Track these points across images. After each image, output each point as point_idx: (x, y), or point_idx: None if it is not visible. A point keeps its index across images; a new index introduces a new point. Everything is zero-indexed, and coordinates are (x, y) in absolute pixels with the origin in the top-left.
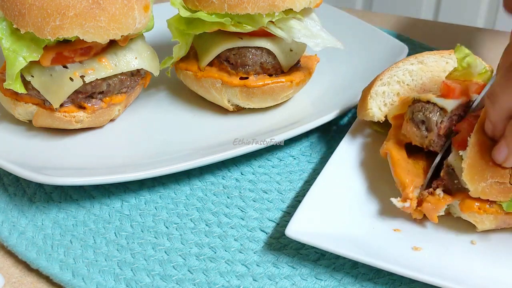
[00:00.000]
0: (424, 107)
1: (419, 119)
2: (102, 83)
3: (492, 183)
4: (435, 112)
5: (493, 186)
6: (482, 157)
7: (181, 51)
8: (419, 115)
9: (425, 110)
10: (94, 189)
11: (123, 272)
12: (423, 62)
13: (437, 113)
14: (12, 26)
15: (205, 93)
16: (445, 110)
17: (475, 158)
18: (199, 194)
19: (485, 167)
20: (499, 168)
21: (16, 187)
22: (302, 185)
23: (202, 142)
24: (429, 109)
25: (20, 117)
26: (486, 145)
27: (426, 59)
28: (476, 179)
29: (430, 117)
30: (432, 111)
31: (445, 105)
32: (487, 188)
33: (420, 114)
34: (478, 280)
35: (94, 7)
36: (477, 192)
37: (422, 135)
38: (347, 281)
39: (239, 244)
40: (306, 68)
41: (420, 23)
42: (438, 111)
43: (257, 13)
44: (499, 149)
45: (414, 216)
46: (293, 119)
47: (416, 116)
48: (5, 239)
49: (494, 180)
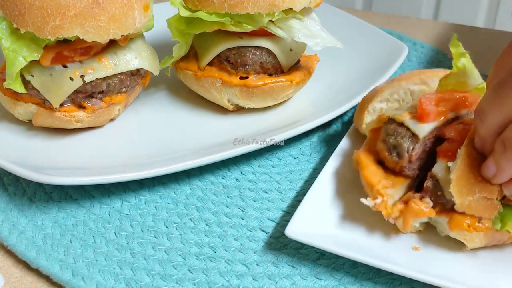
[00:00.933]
0: (396, 131)
1: (391, 143)
2: (102, 83)
3: (480, 198)
4: (406, 138)
5: (480, 202)
6: (471, 171)
7: (181, 50)
8: (391, 139)
9: (397, 135)
10: (94, 188)
11: (123, 272)
12: (426, 83)
13: (409, 139)
14: (12, 26)
15: (205, 93)
16: (417, 136)
17: (464, 170)
18: (199, 194)
19: (473, 181)
20: (488, 183)
21: (16, 187)
22: (302, 185)
23: (202, 141)
24: (401, 134)
25: (20, 117)
26: (476, 159)
27: (430, 81)
28: (463, 192)
29: (402, 143)
30: (404, 136)
31: (417, 131)
32: (473, 203)
33: (392, 138)
34: (478, 280)
35: (94, 6)
36: (463, 206)
37: (393, 160)
38: (347, 281)
39: (239, 243)
40: (306, 67)
41: (420, 23)
42: (410, 137)
43: (257, 12)
44: (487, 166)
45: (386, 215)
46: (293, 119)
47: (388, 140)
48: (5, 239)
49: (482, 195)
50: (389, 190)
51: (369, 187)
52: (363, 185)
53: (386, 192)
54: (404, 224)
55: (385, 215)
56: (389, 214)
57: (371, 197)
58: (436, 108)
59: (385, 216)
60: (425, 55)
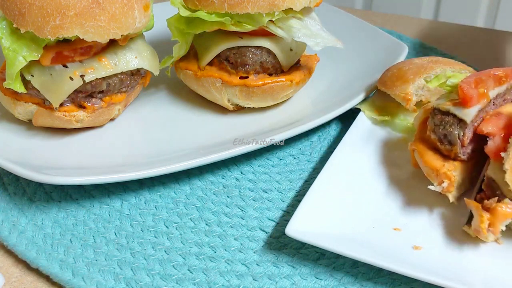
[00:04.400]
0: (444, 120)
1: (441, 133)
2: (102, 83)
3: None
4: (455, 126)
5: None
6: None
7: (181, 50)
8: (440, 129)
9: (445, 124)
10: (94, 188)
11: (123, 272)
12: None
13: (458, 126)
14: (12, 26)
15: (205, 93)
16: (464, 121)
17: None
18: (199, 194)
19: None
20: None
21: (16, 187)
22: (302, 185)
23: (202, 141)
24: (449, 122)
25: (20, 117)
26: None
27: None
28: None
29: (451, 131)
30: (452, 124)
31: (464, 116)
32: None
33: (441, 128)
34: (478, 279)
35: (94, 6)
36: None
37: (446, 148)
38: (347, 281)
39: (239, 243)
40: (306, 67)
41: (420, 23)
42: (458, 124)
43: (257, 12)
44: None
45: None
46: (293, 118)
47: (438, 130)
48: (5, 239)
49: None
50: (454, 172)
51: (434, 172)
52: (425, 172)
53: (452, 175)
54: (495, 230)
55: (484, 238)
56: (485, 232)
57: (436, 181)
58: (477, 90)
59: (484, 238)
60: (425, 55)
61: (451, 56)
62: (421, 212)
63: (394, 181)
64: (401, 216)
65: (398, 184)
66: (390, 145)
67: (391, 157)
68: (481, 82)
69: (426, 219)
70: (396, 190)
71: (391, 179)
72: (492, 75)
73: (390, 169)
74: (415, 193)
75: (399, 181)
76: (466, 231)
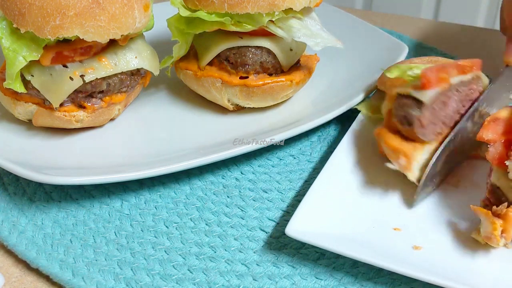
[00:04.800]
0: (403, 102)
1: (401, 115)
2: (102, 83)
3: None
4: (414, 106)
5: None
6: None
7: (181, 50)
8: (399, 111)
9: (404, 106)
10: (94, 188)
11: (123, 272)
12: None
13: (416, 107)
14: (12, 26)
15: (205, 93)
16: (422, 102)
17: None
18: (199, 194)
19: None
20: None
21: (16, 187)
22: (302, 185)
23: (202, 141)
24: (407, 103)
25: (20, 117)
26: None
27: None
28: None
29: (410, 111)
30: (411, 105)
31: (422, 97)
32: None
33: (400, 110)
34: (478, 279)
35: (94, 6)
36: None
37: (406, 129)
38: (347, 281)
39: (239, 243)
40: (306, 67)
41: (420, 23)
42: (416, 105)
43: (257, 12)
44: None
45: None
46: (293, 118)
47: (398, 112)
48: (5, 239)
49: None
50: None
51: (393, 151)
52: (387, 154)
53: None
54: (507, 235)
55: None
56: (499, 239)
57: (394, 160)
58: (436, 74)
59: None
60: (425, 55)
61: (451, 56)
62: (421, 212)
63: (394, 181)
64: (401, 216)
65: (398, 184)
66: None
67: None
68: (443, 69)
69: (426, 219)
70: (396, 190)
71: (391, 179)
72: (455, 64)
73: (391, 169)
74: None
75: (399, 181)
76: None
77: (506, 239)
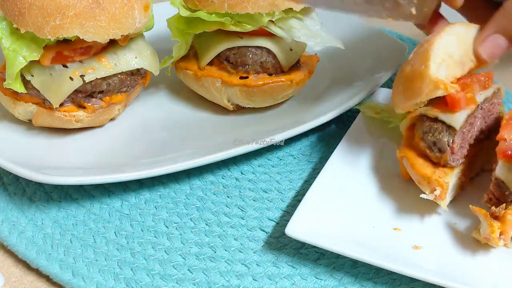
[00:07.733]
0: (432, 127)
1: (430, 140)
2: (102, 83)
3: None
4: (444, 133)
5: None
6: None
7: (181, 50)
8: (429, 136)
9: (434, 131)
10: (94, 188)
11: (123, 272)
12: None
13: (447, 133)
14: (12, 26)
15: (205, 93)
16: (453, 128)
17: None
18: (199, 194)
19: None
20: None
21: (16, 187)
22: (302, 185)
23: (202, 141)
24: (437, 129)
25: (20, 117)
26: None
27: None
28: None
29: (440, 138)
30: (441, 131)
31: (453, 123)
32: None
33: (430, 135)
34: (478, 279)
35: (94, 6)
36: None
37: (436, 156)
38: (347, 281)
39: (239, 243)
40: (306, 67)
41: None
42: (447, 131)
43: (257, 12)
44: None
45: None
46: (293, 118)
47: (427, 138)
48: (5, 239)
49: None
50: (446, 179)
51: (425, 180)
52: (415, 180)
53: (444, 181)
54: (506, 237)
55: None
56: (497, 241)
57: (427, 189)
58: (464, 94)
59: (495, 245)
60: None
61: None
62: (421, 212)
63: (394, 180)
64: (401, 216)
65: (398, 183)
66: (390, 145)
67: (391, 156)
68: (467, 87)
69: (426, 219)
70: (397, 190)
71: (391, 179)
72: (477, 79)
73: (390, 168)
74: (416, 193)
75: (399, 181)
76: (476, 237)
77: (505, 240)
